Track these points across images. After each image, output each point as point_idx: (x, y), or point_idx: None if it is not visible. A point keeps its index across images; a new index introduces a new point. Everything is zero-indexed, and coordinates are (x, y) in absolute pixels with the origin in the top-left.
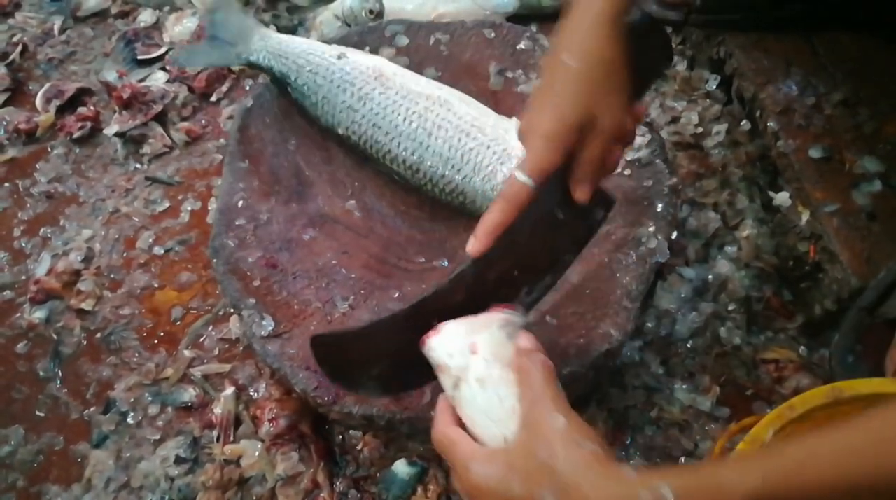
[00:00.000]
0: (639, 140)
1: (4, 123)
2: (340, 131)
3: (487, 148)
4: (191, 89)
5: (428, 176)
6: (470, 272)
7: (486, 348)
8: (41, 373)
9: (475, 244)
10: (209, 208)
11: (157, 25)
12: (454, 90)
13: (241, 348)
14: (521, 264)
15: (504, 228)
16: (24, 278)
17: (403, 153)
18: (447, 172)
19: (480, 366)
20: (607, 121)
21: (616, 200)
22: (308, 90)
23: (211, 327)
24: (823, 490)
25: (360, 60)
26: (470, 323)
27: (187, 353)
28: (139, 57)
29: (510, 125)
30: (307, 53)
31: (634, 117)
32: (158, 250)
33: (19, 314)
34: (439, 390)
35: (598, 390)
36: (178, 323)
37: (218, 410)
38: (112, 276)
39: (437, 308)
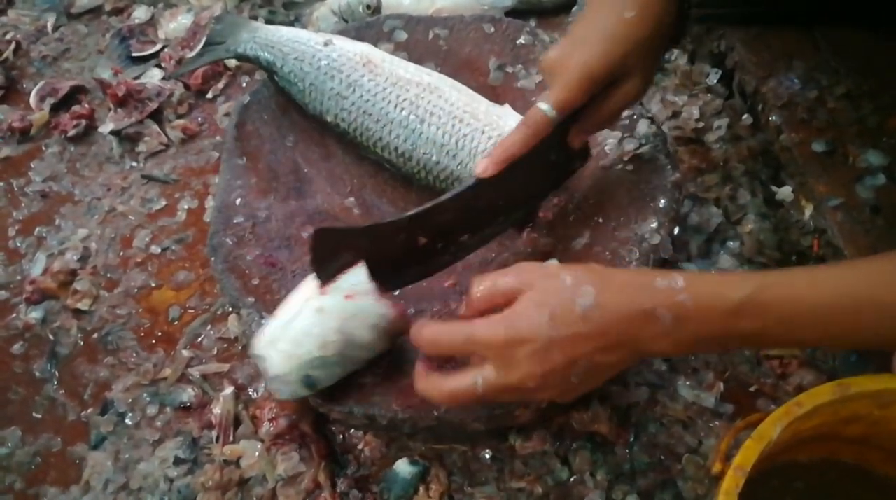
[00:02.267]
0: (643, 130)
1: None
2: (329, 119)
3: (482, 133)
4: (187, 86)
5: (421, 163)
6: (469, 194)
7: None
8: (38, 374)
9: (489, 166)
10: (206, 207)
11: (152, 22)
12: (443, 76)
13: (240, 348)
14: (509, 196)
15: (522, 154)
16: (19, 278)
17: (395, 141)
18: (442, 159)
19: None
20: (637, 82)
21: (591, 156)
22: (295, 78)
23: (209, 327)
24: (811, 310)
25: (346, 47)
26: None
27: (185, 352)
28: (134, 54)
29: (503, 111)
30: (293, 41)
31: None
32: (155, 249)
33: (15, 315)
34: None
35: (601, 387)
36: (175, 323)
37: (217, 410)
38: (108, 275)
39: (429, 223)
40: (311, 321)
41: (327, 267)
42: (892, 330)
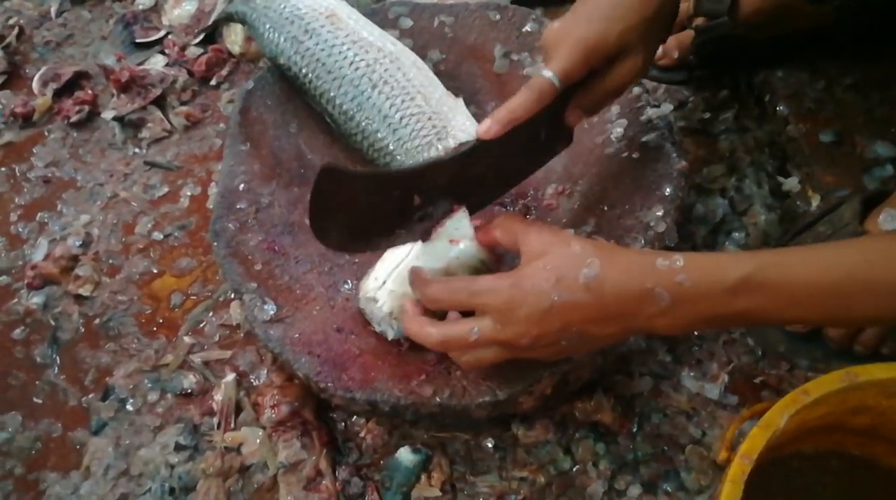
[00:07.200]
0: (649, 118)
1: (0, 106)
2: (282, 61)
3: (429, 119)
4: (190, 73)
5: (361, 127)
6: (467, 157)
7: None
8: (39, 359)
9: (491, 127)
10: (209, 193)
11: (156, 8)
12: (408, 50)
13: (242, 335)
14: (498, 167)
15: (523, 120)
16: (20, 263)
17: (342, 97)
18: (382, 129)
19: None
20: (637, 60)
21: (573, 140)
22: (258, 23)
23: (211, 313)
24: (806, 289)
25: (317, 1)
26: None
27: (187, 339)
28: (137, 40)
29: (455, 104)
30: None
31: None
32: (157, 236)
33: (16, 300)
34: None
35: (605, 377)
36: (177, 309)
37: (218, 397)
38: (110, 261)
39: (425, 182)
40: (419, 263)
41: (323, 207)
42: (887, 309)
